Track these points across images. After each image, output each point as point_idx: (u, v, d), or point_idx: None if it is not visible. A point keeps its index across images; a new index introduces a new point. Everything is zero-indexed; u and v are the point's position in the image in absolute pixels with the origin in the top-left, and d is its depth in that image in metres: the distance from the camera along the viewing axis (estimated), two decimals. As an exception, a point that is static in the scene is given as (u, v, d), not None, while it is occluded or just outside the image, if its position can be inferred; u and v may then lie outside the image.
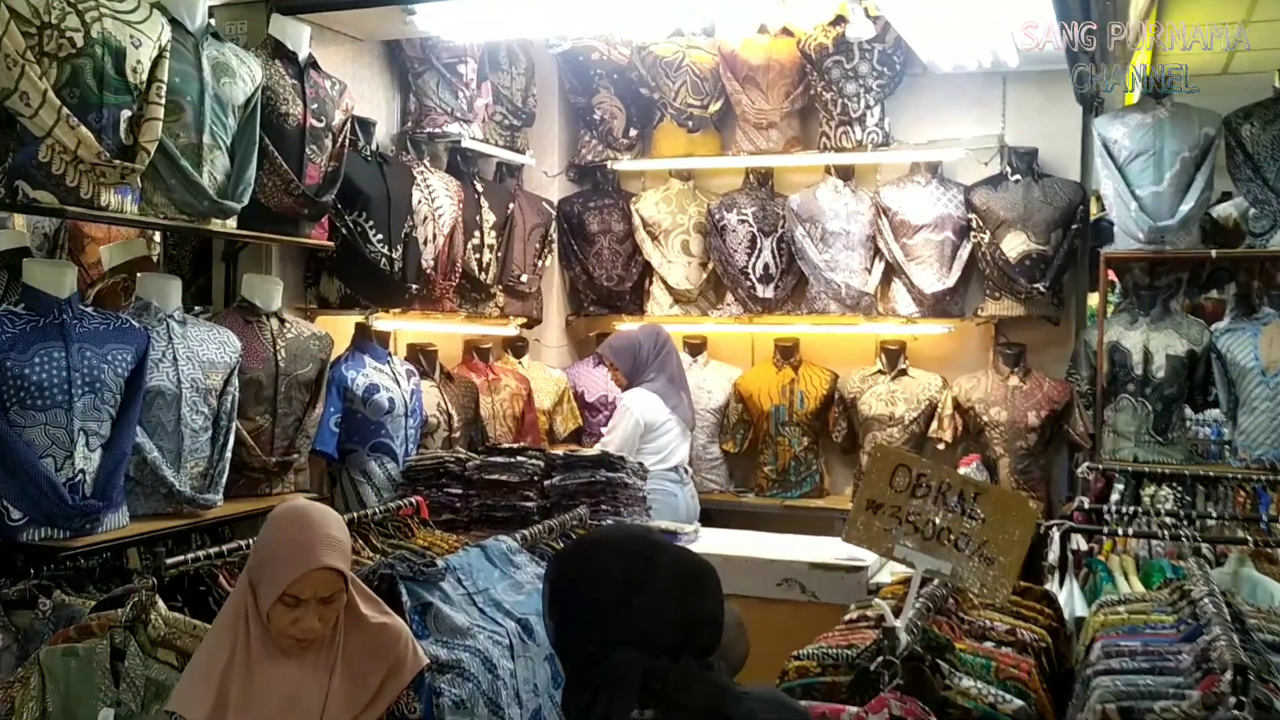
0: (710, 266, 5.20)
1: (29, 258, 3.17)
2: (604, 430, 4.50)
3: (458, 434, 4.27)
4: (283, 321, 3.48)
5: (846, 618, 2.45)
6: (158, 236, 4.00)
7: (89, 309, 2.88)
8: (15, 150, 2.67)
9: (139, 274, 3.24)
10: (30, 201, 2.66)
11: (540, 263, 5.01)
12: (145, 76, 2.83)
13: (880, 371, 4.90)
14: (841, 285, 4.88)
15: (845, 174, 5.01)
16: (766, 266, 5.07)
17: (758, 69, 5.00)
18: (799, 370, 5.06)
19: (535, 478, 3.56)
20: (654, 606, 1.53)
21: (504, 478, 3.56)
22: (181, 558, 2.59)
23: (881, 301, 4.97)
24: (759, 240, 5.06)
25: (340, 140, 3.60)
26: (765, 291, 5.07)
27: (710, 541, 3.69)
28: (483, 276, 4.55)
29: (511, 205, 4.78)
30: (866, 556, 3.16)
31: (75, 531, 2.71)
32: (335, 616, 1.97)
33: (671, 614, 1.54)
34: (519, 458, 3.59)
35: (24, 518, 2.65)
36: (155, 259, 3.75)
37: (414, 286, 3.98)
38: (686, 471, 4.44)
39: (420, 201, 4.12)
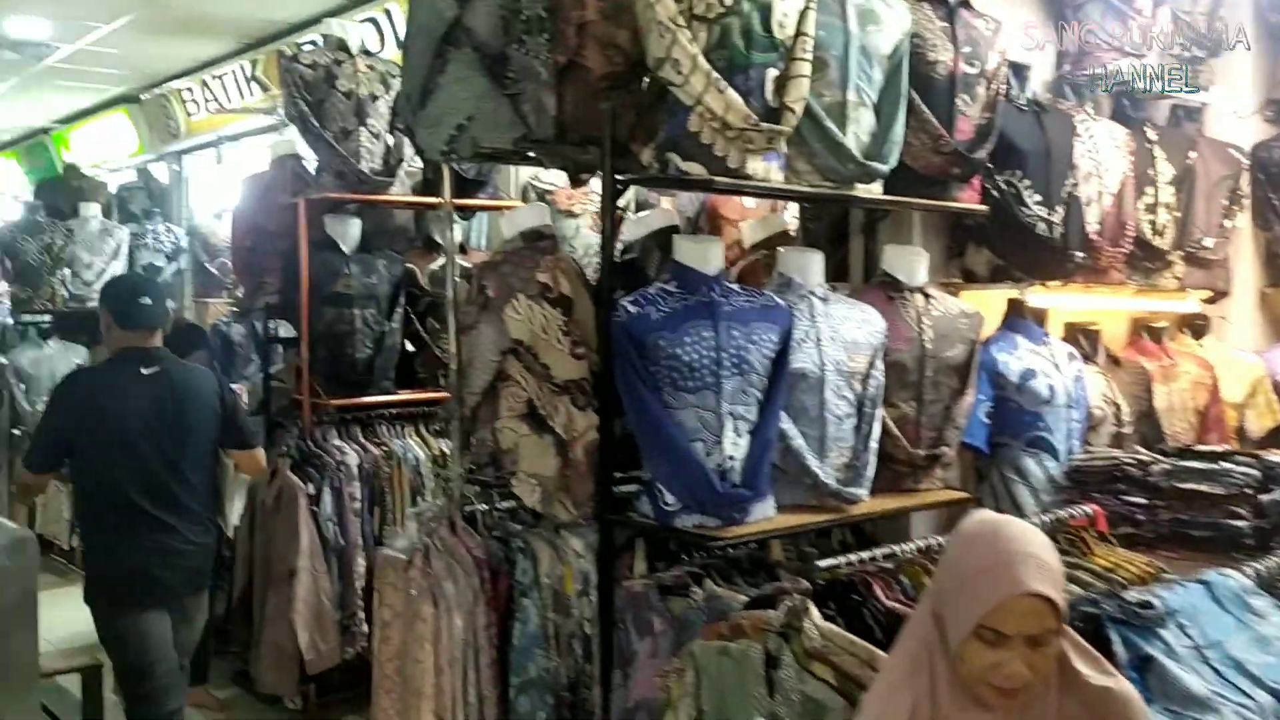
0: None
1: (678, 235, 3.13)
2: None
3: (1128, 429, 3.59)
4: (928, 297, 3.10)
5: None
6: (793, 209, 3.86)
7: (735, 286, 2.75)
8: (666, 122, 2.58)
9: (780, 249, 3.07)
10: (681, 174, 2.56)
11: (1228, 223, 4.08)
12: (792, 31, 2.60)
13: None
14: None
15: None
16: None
17: None
18: None
19: (1248, 490, 2.80)
20: None
21: (1203, 488, 2.85)
22: (833, 561, 2.34)
23: None
24: None
25: (994, 88, 3.12)
26: None
27: None
28: (1157, 241, 3.78)
29: (1191, 155, 3.94)
30: None
31: (725, 520, 2.56)
32: (1048, 667, 1.51)
33: None
34: (1224, 463, 2.85)
35: (678, 503, 2.56)
36: (794, 233, 3.59)
37: (1078, 255, 3.38)
38: None
39: (1082, 155, 3.50)
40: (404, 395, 4.46)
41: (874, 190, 2.89)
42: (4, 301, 7.86)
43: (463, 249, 4.89)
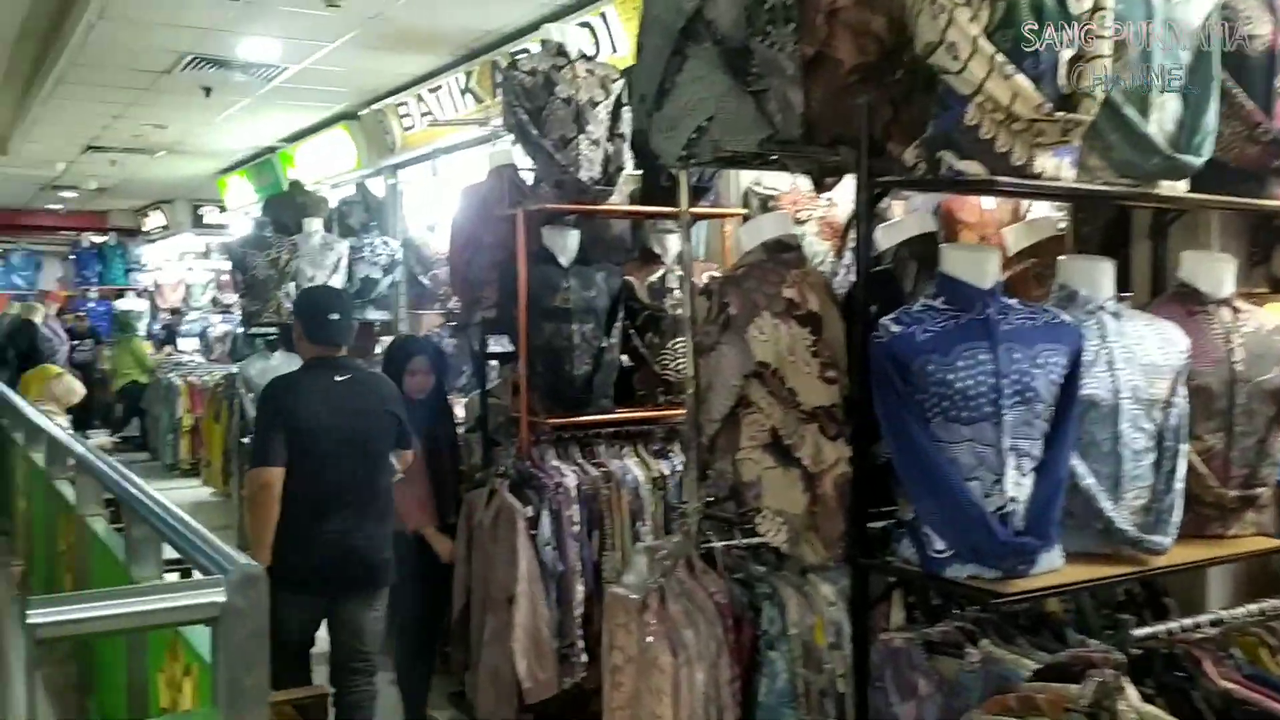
0: None
1: (946, 244, 2.81)
2: None
3: None
4: (1236, 311, 2.66)
5: None
6: (1039, 209, 3.46)
7: (1013, 301, 2.40)
8: (937, 115, 2.27)
9: (1058, 257, 2.69)
10: (955, 174, 2.23)
11: None
12: (1089, 5, 2.24)
13: None
14: None
15: None
16: None
17: None
18: None
19: None
20: None
21: None
22: (1150, 630, 1.97)
23: None
24: None
25: (1320, 64, 2.65)
26: None
27: None
28: None
29: None
30: None
31: (1006, 572, 2.21)
32: None
33: None
34: None
35: (949, 550, 2.24)
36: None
37: None
38: None
39: None
40: (622, 414, 4.28)
41: (1179, 188, 2.48)
42: (236, 313, 8.21)
43: (680, 260, 4.67)
